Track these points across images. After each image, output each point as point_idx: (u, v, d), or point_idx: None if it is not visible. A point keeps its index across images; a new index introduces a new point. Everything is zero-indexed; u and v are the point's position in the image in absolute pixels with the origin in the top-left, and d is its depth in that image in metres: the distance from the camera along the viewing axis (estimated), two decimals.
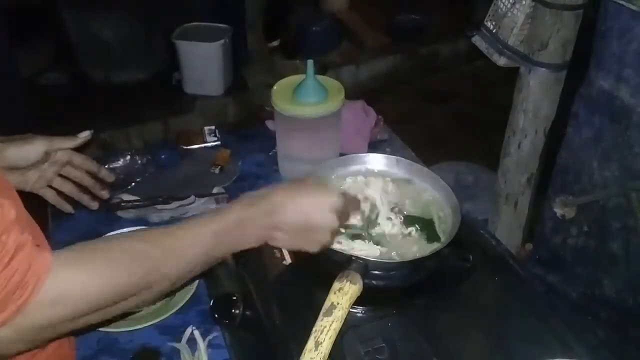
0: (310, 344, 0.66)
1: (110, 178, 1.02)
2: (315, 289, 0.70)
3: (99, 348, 0.87)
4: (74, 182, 0.98)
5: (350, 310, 0.71)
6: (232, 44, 2.73)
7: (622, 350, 1.25)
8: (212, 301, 0.85)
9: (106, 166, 1.24)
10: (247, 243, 0.72)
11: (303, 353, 0.66)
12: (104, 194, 1.01)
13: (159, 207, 1.13)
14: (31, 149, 0.89)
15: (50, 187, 0.96)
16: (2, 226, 0.54)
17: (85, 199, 1.00)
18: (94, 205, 1.01)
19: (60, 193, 0.97)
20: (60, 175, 0.96)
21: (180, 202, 1.14)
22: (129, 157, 1.26)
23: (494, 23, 1.38)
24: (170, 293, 0.88)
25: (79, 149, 0.97)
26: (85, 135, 0.96)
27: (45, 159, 0.91)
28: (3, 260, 0.53)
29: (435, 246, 0.86)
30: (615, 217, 1.22)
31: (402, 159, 1.02)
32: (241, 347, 0.84)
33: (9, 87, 2.06)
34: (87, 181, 0.98)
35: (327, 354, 0.66)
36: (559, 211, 1.33)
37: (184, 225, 0.68)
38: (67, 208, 0.99)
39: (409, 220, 0.91)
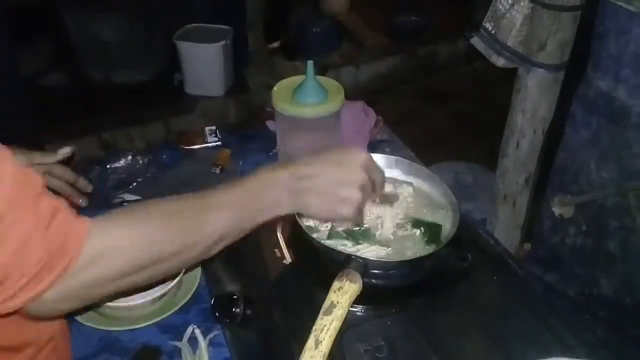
0: (310, 342, 0.67)
1: (88, 188, 1.04)
2: (315, 288, 0.71)
3: (100, 347, 0.87)
4: (53, 191, 0.99)
5: (350, 309, 0.72)
6: (233, 45, 2.74)
7: (620, 349, 1.26)
8: (213, 300, 0.86)
9: (108, 166, 1.25)
10: (278, 206, 0.70)
11: (303, 351, 0.66)
12: (82, 202, 1.03)
13: None
14: None
15: None
16: (33, 191, 0.55)
17: None
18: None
19: None
20: None
21: None
22: (130, 157, 1.27)
23: (492, 24, 1.39)
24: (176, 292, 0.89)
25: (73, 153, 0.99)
26: (65, 151, 0.97)
27: None
28: (42, 223, 0.54)
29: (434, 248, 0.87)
30: (612, 216, 1.23)
31: (402, 159, 1.02)
32: (242, 346, 0.84)
33: (10, 87, 2.07)
34: (66, 189, 1.00)
35: (327, 352, 0.66)
36: (557, 211, 1.34)
37: (217, 187, 0.69)
38: None
39: (415, 223, 0.91)
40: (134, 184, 1.22)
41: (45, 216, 0.54)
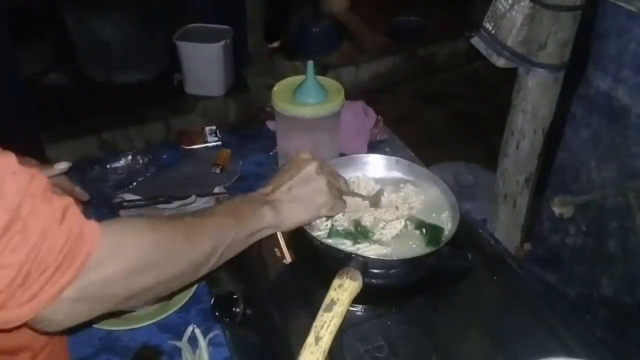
0: (311, 338, 0.67)
1: (84, 197, 1.03)
2: (315, 287, 0.71)
3: (100, 346, 0.88)
4: None
5: (350, 308, 0.72)
6: (233, 45, 2.74)
7: (620, 349, 1.26)
8: (212, 300, 0.86)
9: (107, 166, 1.25)
10: (261, 219, 0.75)
11: (303, 348, 0.66)
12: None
13: (160, 206, 1.14)
14: None
15: None
16: (41, 187, 0.54)
17: None
18: None
19: None
20: None
21: (182, 202, 1.15)
22: (130, 157, 1.27)
23: (492, 24, 1.39)
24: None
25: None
26: (62, 167, 0.97)
27: None
28: (57, 216, 0.54)
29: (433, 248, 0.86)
30: (613, 216, 1.23)
31: (401, 159, 1.02)
32: (242, 346, 0.84)
33: (10, 87, 2.07)
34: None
35: (327, 349, 0.66)
36: (557, 211, 1.34)
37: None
38: None
39: (418, 224, 0.91)
40: (134, 183, 1.22)
41: (58, 209, 0.54)
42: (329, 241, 0.84)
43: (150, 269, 0.62)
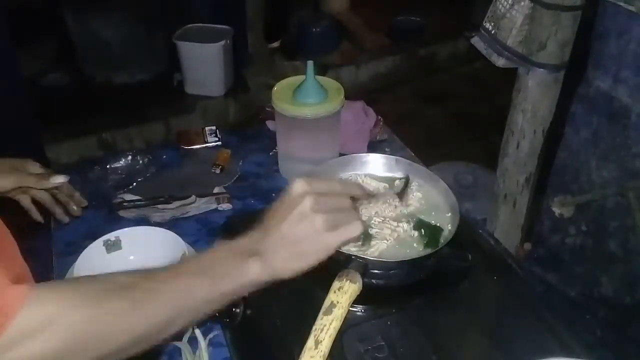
0: (310, 342, 0.67)
1: (82, 204, 1.05)
2: (315, 288, 0.71)
3: None
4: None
5: (350, 309, 0.72)
6: (233, 45, 2.74)
7: (620, 349, 1.26)
8: None
9: (107, 166, 1.25)
10: (245, 273, 0.64)
11: (303, 351, 0.66)
12: (76, 210, 1.03)
13: (160, 206, 1.14)
14: (2, 183, 0.92)
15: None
16: None
17: (57, 212, 1.02)
18: (65, 219, 1.04)
19: (35, 202, 1.00)
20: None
21: (182, 202, 1.15)
22: (130, 157, 1.27)
23: (492, 24, 1.39)
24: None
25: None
26: (58, 181, 0.98)
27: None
28: None
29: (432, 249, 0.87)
30: (613, 216, 1.23)
31: (401, 158, 1.02)
32: (242, 346, 0.84)
33: (10, 87, 2.07)
34: (63, 198, 1.02)
35: (327, 352, 0.66)
36: (557, 211, 1.34)
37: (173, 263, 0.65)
38: (38, 217, 1.01)
39: (417, 224, 0.91)
40: (134, 184, 1.22)
41: None
42: None
43: (81, 350, 0.52)
